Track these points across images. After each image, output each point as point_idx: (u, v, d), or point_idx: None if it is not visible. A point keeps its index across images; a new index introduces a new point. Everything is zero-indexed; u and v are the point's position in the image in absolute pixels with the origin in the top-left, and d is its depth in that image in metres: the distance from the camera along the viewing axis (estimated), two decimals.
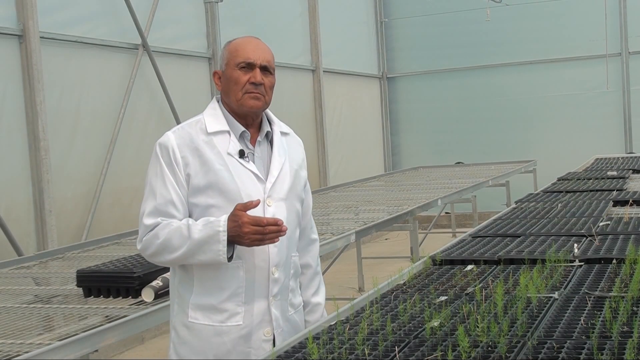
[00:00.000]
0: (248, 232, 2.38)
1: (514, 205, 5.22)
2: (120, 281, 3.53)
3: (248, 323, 2.53)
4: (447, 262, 3.32)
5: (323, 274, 8.88)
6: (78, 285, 3.69)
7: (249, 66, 2.55)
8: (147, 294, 3.43)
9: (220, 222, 2.41)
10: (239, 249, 2.49)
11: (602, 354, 1.88)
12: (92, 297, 3.62)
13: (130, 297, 3.52)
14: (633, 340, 1.92)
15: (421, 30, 13.53)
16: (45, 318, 3.48)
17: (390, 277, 2.93)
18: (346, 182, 9.58)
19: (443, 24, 13.26)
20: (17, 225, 6.07)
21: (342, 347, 2.09)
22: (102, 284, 3.59)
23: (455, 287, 2.77)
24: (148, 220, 2.50)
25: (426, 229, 10.80)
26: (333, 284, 8.65)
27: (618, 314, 2.21)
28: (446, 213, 11.88)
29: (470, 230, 4.22)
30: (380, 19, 13.77)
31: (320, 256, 3.01)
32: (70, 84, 6.76)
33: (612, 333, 2.04)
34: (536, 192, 6.07)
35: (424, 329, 2.21)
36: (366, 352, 2.03)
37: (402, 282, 2.95)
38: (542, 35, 12.65)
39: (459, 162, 12.00)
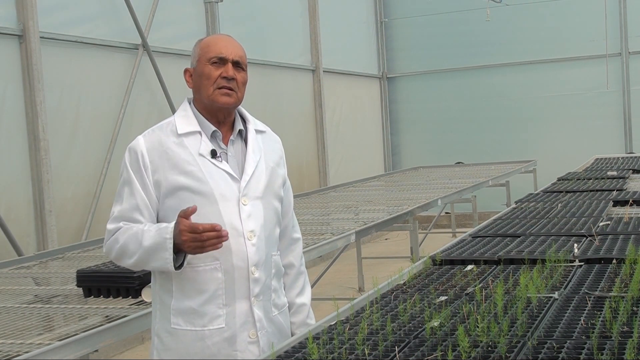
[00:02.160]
0: (186, 240, 2.32)
1: (514, 205, 5.22)
2: (120, 281, 3.54)
3: (231, 325, 2.46)
4: (447, 262, 3.31)
5: (323, 274, 8.81)
6: (78, 285, 3.69)
7: (221, 61, 2.49)
8: (147, 294, 3.43)
9: (169, 228, 2.37)
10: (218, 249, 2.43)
11: (602, 354, 1.87)
12: (92, 297, 3.63)
13: (130, 297, 3.52)
14: (633, 340, 1.92)
15: (421, 30, 13.53)
16: (45, 318, 3.48)
17: (390, 277, 2.93)
18: (346, 182, 9.59)
19: (443, 24, 13.26)
20: (17, 225, 6.07)
21: (342, 347, 2.09)
22: (102, 284, 3.60)
23: (455, 287, 2.77)
24: (110, 225, 2.49)
25: (426, 229, 10.80)
26: (333, 284, 8.65)
27: (618, 314, 2.21)
28: (446, 213, 11.88)
29: (470, 230, 4.22)
30: (380, 19, 13.77)
31: (320, 256, 3.00)
32: (70, 84, 6.76)
33: (612, 333, 2.04)
34: (536, 192, 6.07)
35: (424, 329, 2.21)
36: (366, 352, 2.03)
37: (402, 282, 2.95)
38: (542, 35, 12.65)
39: (459, 162, 11.99)
